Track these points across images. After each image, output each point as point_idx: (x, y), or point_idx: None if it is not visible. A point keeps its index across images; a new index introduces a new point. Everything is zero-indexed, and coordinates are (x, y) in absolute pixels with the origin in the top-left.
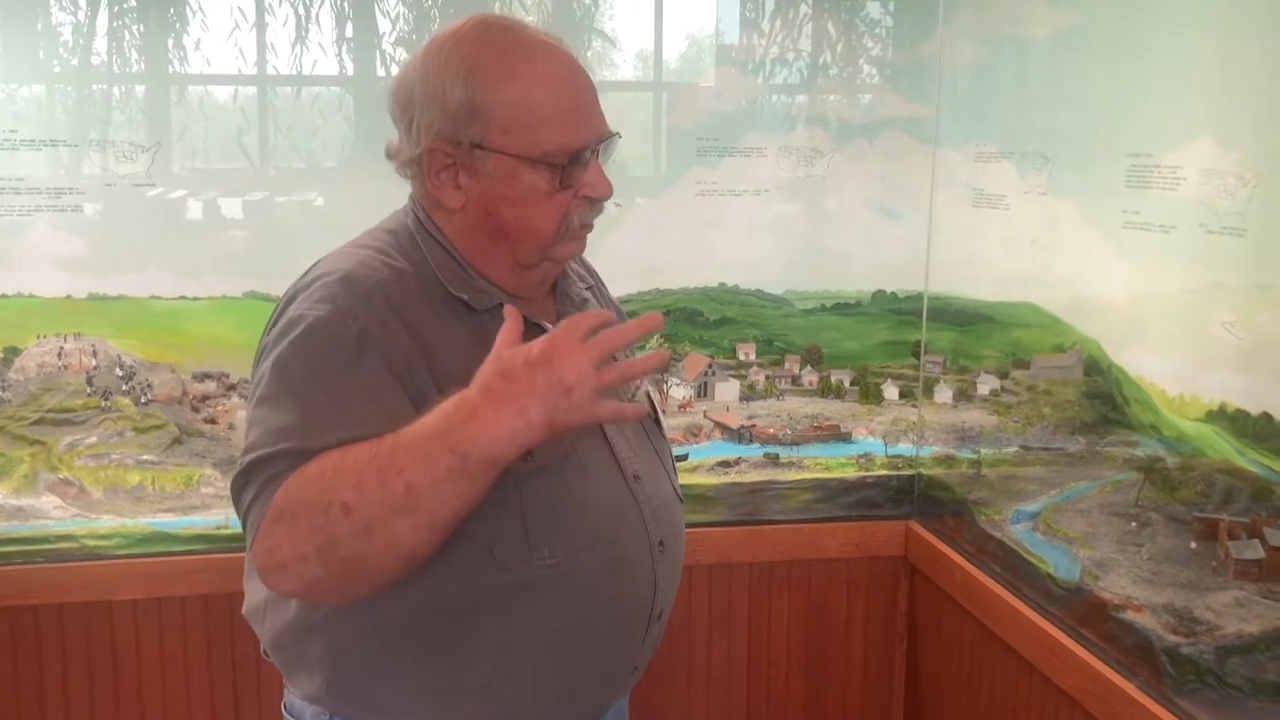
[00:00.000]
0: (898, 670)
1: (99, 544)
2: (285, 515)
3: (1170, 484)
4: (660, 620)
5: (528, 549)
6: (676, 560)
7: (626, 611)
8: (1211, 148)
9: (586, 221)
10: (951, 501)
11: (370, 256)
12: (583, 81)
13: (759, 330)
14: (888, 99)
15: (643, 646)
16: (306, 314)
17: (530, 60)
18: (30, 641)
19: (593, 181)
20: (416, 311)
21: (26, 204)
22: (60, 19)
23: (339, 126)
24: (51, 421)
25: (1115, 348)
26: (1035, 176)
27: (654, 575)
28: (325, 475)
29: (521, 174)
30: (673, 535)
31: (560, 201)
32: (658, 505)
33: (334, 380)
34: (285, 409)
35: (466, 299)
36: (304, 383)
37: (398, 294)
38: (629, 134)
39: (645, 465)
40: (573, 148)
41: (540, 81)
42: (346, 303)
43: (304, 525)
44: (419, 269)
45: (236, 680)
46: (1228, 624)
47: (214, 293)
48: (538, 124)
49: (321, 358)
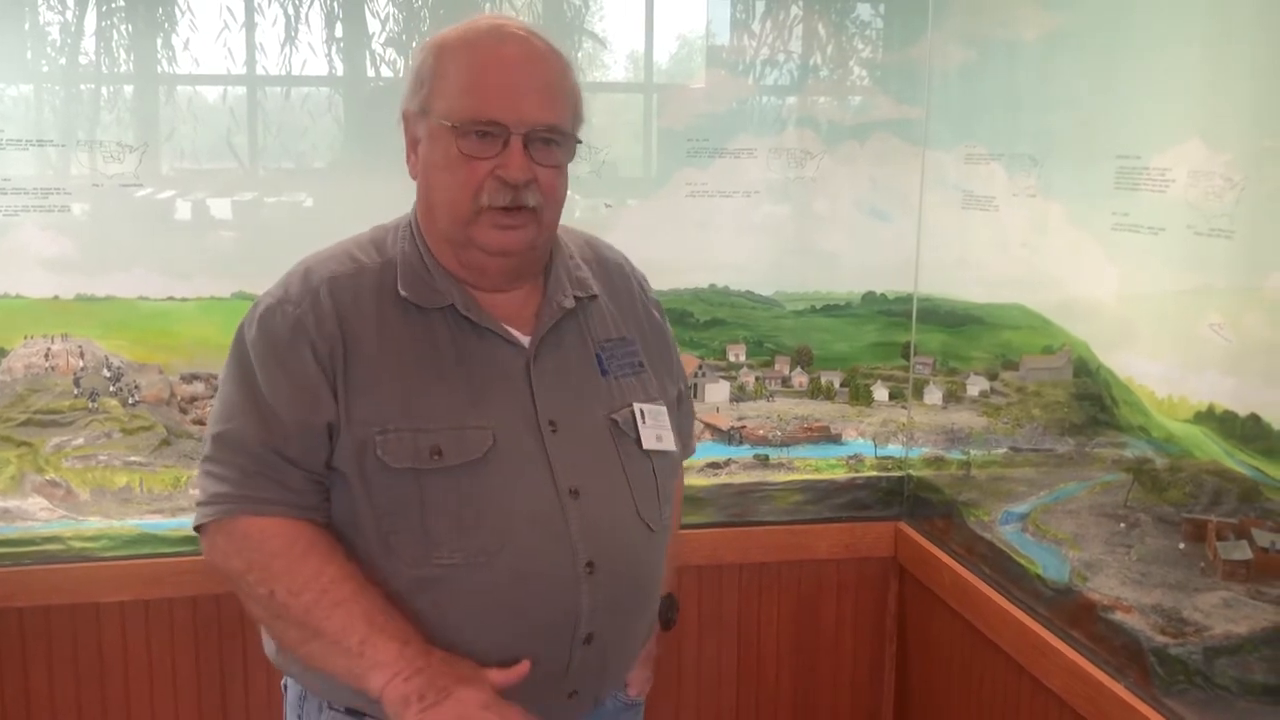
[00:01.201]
0: (887, 671)
1: (86, 546)
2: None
3: (1159, 485)
4: (591, 645)
5: (427, 545)
6: (619, 586)
7: (539, 629)
8: (1200, 150)
9: (497, 204)
10: (941, 503)
11: (344, 250)
12: (526, 65)
13: (749, 331)
14: (878, 101)
15: (570, 671)
16: (264, 301)
17: (482, 37)
18: (16, 644)
19: (505, 162)
20: (358, 307)
21: (13, 204)
22: (48, 18)
23: (328, 127)
24: (39, 423)
25: (1104, 349)
26: (1024, 178)
27: (577, 596)
28: (275, 566)
29: (441, 138)
30: (613, 560)
31: (472, 174)
32: (596, 525)
33: (269, 365)
34: (235, 389)
35: (409, 296)
36: (247, 365)
37: (345, 288)
38: (619, 135)
39: (593, 484)
40: (481, 117)
41: (478, 54)
42: (296, 293)
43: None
44: (385, 266)
45: (224, 682)
46: (1216, 624)
47: (202, 294)
48: (458, 91)
49: (262, 342)
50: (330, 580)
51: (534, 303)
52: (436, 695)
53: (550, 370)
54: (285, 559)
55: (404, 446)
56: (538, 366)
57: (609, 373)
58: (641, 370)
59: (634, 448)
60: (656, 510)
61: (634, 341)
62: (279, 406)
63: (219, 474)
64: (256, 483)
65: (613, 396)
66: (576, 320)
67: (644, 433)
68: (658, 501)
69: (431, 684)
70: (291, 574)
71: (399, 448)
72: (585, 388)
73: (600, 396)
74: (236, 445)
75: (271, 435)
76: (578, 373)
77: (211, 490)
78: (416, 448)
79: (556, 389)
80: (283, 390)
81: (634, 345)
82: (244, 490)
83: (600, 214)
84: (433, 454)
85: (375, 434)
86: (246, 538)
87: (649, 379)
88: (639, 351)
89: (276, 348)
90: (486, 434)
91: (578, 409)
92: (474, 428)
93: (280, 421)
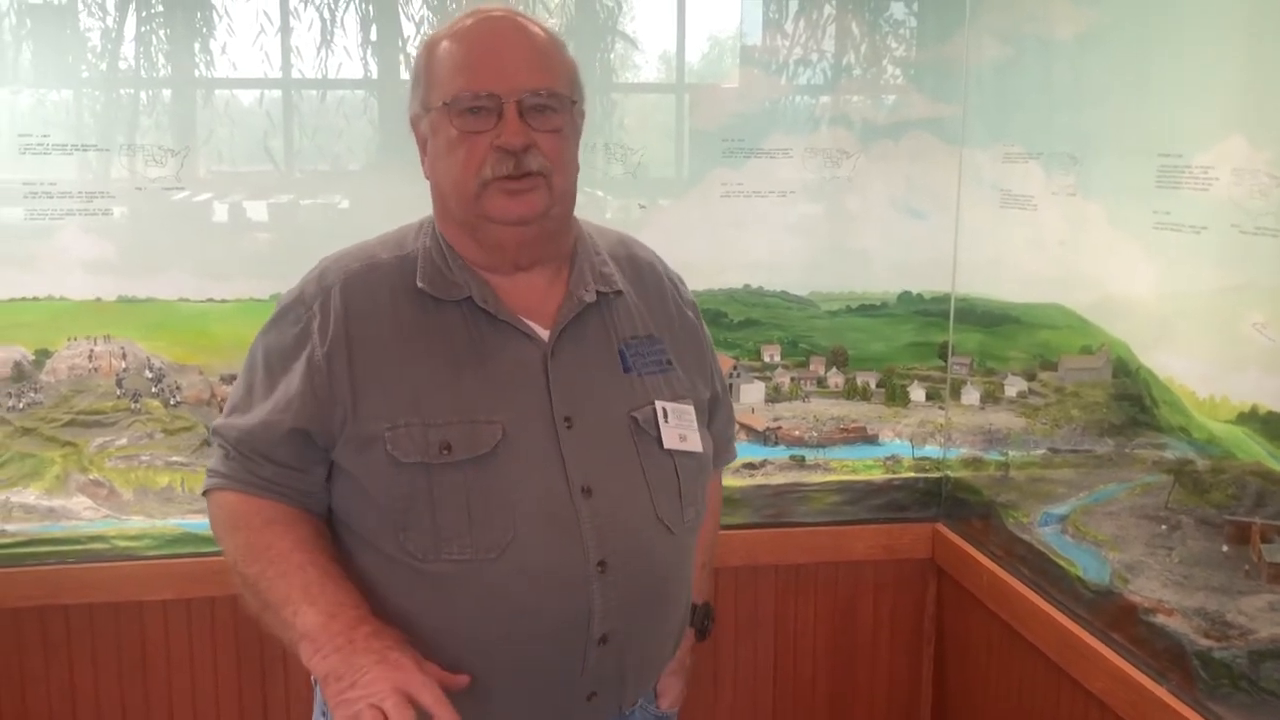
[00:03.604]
0: (925, 673)
1: (129, 545)
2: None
3: (1201, 486)
4: (607, 645)
5: (437, 541)
6: (633, 586)
7: (551, 628)
8: (1243, 147)
9: (499, 174)
10: (979, 504)
11: (365, 247)
12: (512, 36)
13: (784, 332)
14: (912, 99)
15: (585, 671)
16: (281, 301)
17: (466, 23)
18: (62, 641)
19: (502, 130)
20: (373, 302)
21: (58, 208)
22: (89, 24)
23: (363, 130)
24: (82, 423)
25: (1144, 349)
26: (1063, 177)
27: (588, 595)
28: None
29: (441, 125)
30: (627, 559)
31: (473, 150)
32: (610, 524)
33: (274, 361)
34: (242, 381)
35: (426, 288)
36: (256, 360)
37: (359, 285)
38: (651, 136)
39: (609, 482)
40: (470, 90)
41: (463, 37)
42: (311, 290)
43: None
44: (404, 261)
45: (265, 680)
46: (1261, 628)
47: (240, 295)
48: (449, 75)
49: (272, 339)
50: (280, 552)
51: (557, 296)
52: (353, 675)
53: (569, 365)
54: (246, 531)
55: (414, 441)
56: (555, 361)
57: (632, 370)
58: (669, 369)
59: (654, 446)
60: (678, 511)
61: (661, 340)
62: (270, 409)
63: (217, 454)
64: (245, 465)
65: (635, 394)
66: (600, 315)
67: (665, 431)
68: (679, 502)
69: (349, 663)
70: (250, 545)
71: (409, 443)
72: (606, 384)
73: (622, 393)
74: (233, 439)
75: (263, 433)
76: (598, 368)
77: (210, 466)
78: (426, 442)
79: (575, 384)
80: (283, 388)
81: (660, 344)
82: (229, 469)
83: (634, 214)
84: (442, 449)
85: (385, 429)
86: (221, 507)
87: (677, 378)
88: (666, 350)
89: (279, 353)
90: (496, 428)
91: (596, 405)
92: (484, 422)
93: (267, 423)
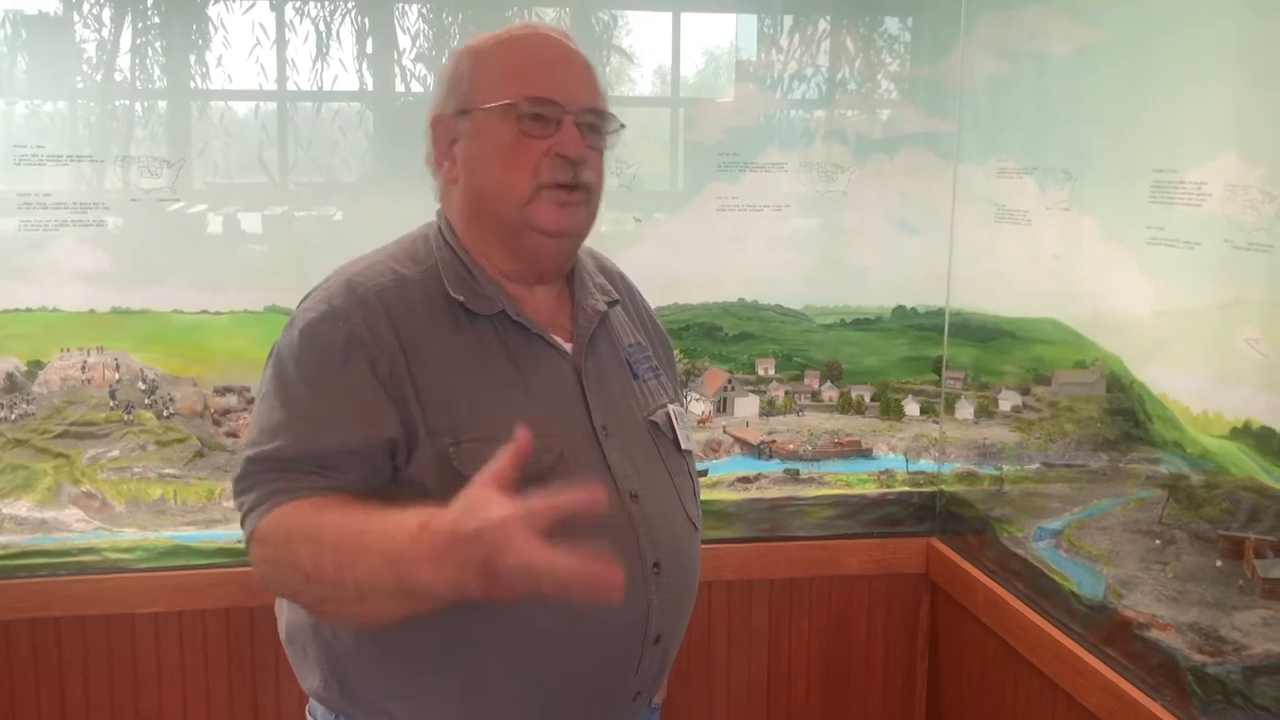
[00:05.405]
0: (919, 688)
1: (121, 557)
2: (266, 544)
3: (1195, 501)
4: (659, 644)
5: None
6: (679, 585)
7: (616, 631)
8: (1236, 163)
9: (559, 180)
10: (973, 518)
11: (380, 262)
12: (564, 52)
13: (778, 345)
14: (907, 114)
15: (639, 671)
16: (304, 315)
17: (522, 33)
18: (52, 654)
19: (562, 139)
20: (412, 318)
21: (52, 219)
22: (84, 36)
23: (358, 142)
24: (74, 434)
25: (1138, 364)
26: (1057, 192)
27: (647, 597)
28: (294, 538)
29: (492, 125)
30: (674, 559)
31: (527, 153)
32: (657, 527)
33: (320, 381)
34: (276, 407)
35: (464, 300)
36: (294, 382)
37: (394, 299)
38: (647, 150)
39: (647, 486)
40: (534, 94)
41: (521, 45)
42: (342, 306)
43: (276, 569)
44: (426, 275)
45: (257, 694)
46: (1255, 644)
47: (235, 307)
48: (504, 76)
49: (311, 358)
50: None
51: (565, 307)
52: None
53: (595, 376)
54: (287, 544)
55: (480, 457)
56: (586, 372)
57: (639, 376)
58: (659, 374)
59: (673, 448)
60: (697, 509)
61: (648, 347)
62: (333, 425)
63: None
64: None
65: (646, 400)
66: (605, 326)
67: (680, 434)
68: (695, 500)
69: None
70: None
71: (474, 458)
72: (624, 392)
73: (637, 400)
74: (279, 465)
75: (319, 457)
76: (615, 377)
77: (246, 502)
78: (493, 458)
79: (602, 394)
80: (339, 407)
81: (648, 350)
82: (274, 487)
83: (628, 228)
84: None
85: (449, 445)
86: (277, 528)
87: (666, 383)
88: (653, 356)
89: (329, 363)
90: (555, 441)
91: (621, 413)
92: (542, 435)
93: (331, 441)
